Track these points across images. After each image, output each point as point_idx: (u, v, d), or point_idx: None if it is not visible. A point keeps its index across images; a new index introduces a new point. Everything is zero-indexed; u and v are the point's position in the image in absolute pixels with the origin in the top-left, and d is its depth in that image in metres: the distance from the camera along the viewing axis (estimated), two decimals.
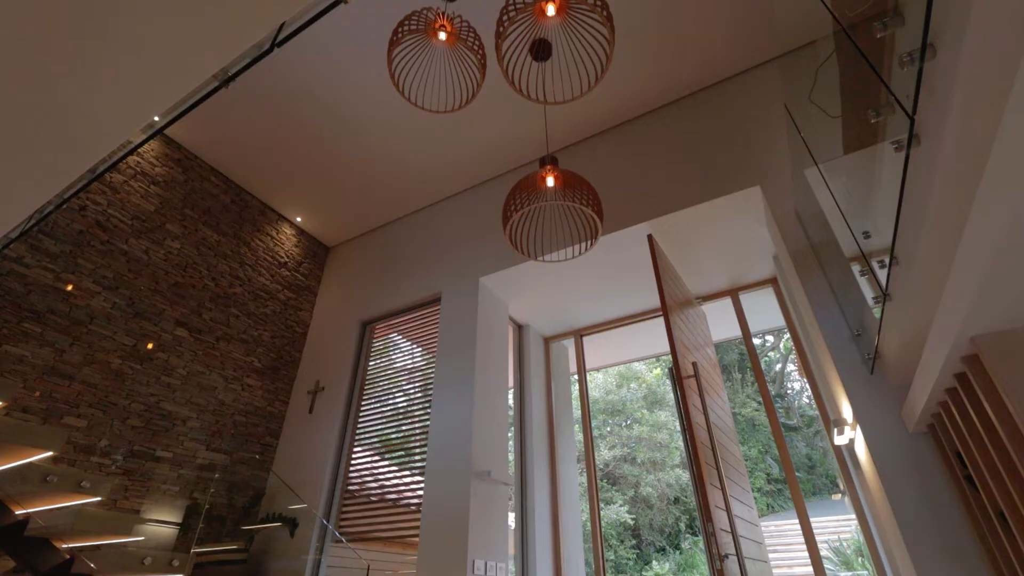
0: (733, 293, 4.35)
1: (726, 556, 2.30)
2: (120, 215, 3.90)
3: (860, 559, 8.13)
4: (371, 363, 4.63)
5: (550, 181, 2.51)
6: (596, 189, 2.47)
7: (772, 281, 4.21)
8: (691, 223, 3.66)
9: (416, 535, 3.36)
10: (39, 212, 2.57)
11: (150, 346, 3.82)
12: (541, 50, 2.34)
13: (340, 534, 3.79)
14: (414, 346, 4.52)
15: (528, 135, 4.31)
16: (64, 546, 2.68)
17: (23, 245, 3.28)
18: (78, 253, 3.59)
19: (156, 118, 2.26)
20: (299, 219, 5.35)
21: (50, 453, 2.44)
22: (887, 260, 1.71)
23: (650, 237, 3.49)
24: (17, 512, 2.56)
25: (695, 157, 3.71)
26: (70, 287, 3.49)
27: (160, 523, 3.51)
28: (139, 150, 4.14)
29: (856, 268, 2.61)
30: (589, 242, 3.08)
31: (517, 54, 2.18)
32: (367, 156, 4.56)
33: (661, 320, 4.69)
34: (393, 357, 4.57)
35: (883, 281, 1.82)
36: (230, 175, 4.82)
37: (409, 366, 4.37)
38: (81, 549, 2.72)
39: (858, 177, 2.22)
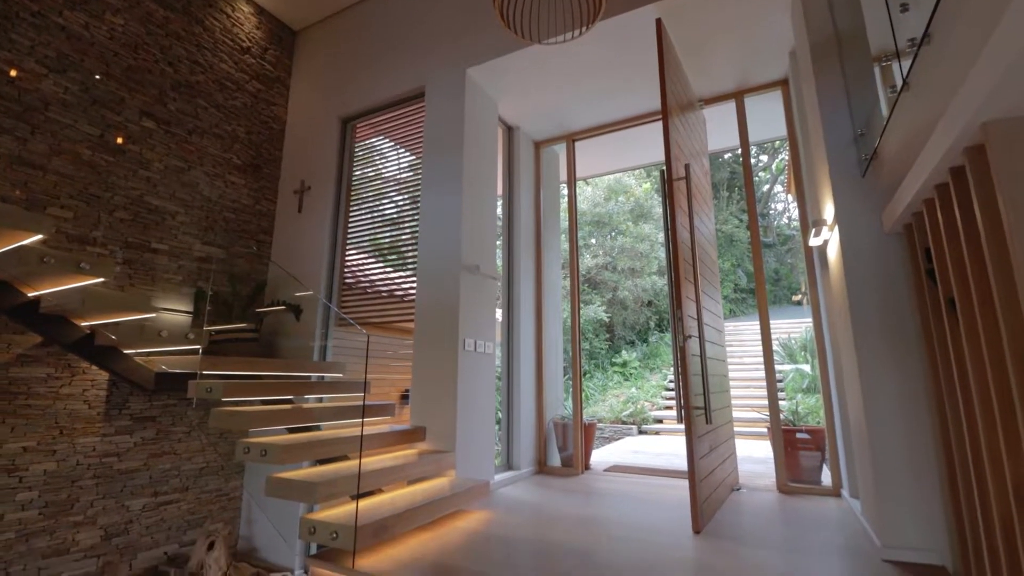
0: (738, 96, 4.07)
1: (689, 336, 2.57)
2: None
3: (804, 353, 9.28)
4: (356, 171, 4.47)
5: None
6: None
7: (782, 84, 3.93)
8: (707, 6, 3.23)
9: (411, 320, 3.67)
10: None
11: (120, 140, 3.62)
12: None
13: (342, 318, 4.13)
14: (400, 150, 4.33)
15: None
16: (82, 323, 2.89)
17: None
18: (8, 27, 3.16)
19: None
20: None
21: (40, 236, 2.46)
22: (916, 41, 1.57)
23: (659, 22, 3.11)
24: (28, 293, 2.70)
25: None
26: (13, 72, 3.16)
27: (171, 311, 3.76)
28: None
29: (876, 68, 2.43)
30: (587, 26, 2.75)
31: None
32: None
33: (657, 127, 4.46)
34: (379, 165, 4.40)
35: (905, 71, 1.70)
36: None
37: (396, 176, 4.25)
38: (103, 325, 2.95)
39: None
